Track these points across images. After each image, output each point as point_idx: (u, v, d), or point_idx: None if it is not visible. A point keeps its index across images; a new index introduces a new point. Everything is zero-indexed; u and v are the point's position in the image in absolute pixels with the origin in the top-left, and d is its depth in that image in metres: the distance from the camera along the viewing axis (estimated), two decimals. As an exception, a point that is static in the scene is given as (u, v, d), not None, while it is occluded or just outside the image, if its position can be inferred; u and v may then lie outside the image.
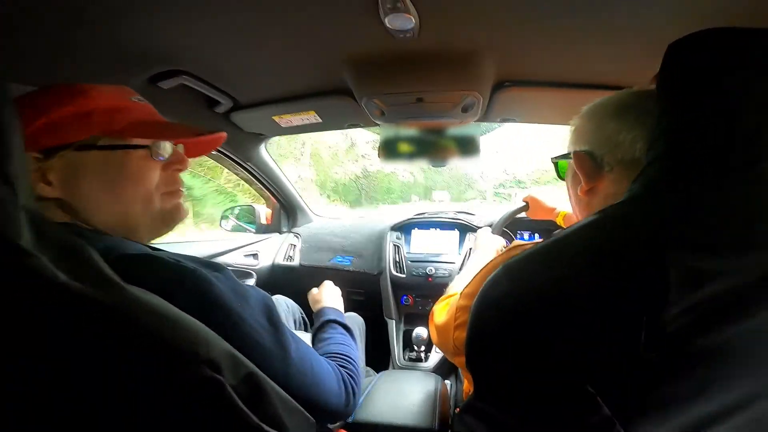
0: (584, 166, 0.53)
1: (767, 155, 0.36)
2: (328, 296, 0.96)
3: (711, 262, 0.35)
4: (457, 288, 0.68)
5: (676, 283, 0.35)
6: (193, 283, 0.46)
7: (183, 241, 1.70)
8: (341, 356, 0.72)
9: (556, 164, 0.67)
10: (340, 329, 0.80)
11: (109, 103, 0.53)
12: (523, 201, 1.17)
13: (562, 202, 1.08)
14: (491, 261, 0.60)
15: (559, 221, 1.07)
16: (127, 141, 0.53)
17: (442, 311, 0.70)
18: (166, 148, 0.56)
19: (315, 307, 0.93)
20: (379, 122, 1.19)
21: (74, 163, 0.50)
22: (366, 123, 1.28)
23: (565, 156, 0.61)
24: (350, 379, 0.67)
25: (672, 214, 0.37)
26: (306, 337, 0.95)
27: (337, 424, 0.71)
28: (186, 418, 0.39)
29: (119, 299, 0.39)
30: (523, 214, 1.17)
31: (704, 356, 0.36)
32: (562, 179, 0.66)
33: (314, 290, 1.01)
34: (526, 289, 0.43)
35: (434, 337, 0.74)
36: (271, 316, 0.53)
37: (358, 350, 0.96)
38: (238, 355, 0.45)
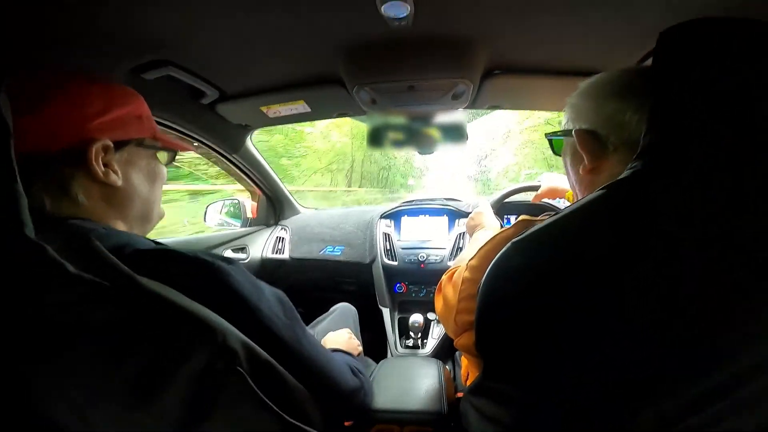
0: (588, 145, 0.54)
1: (757, 146, 0.37)
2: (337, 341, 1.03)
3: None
4: (463, 260, 0.69)
5: (687, 256, 0.36)
6: (212, 275, 0.46)
7: (169, 238, 1.66)
8: (341, 351, 0.80)
9: (551, 141, 0.67)
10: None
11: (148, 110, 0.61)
12: (538, 181, 1.20)
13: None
14: (496, 235, 0.60)
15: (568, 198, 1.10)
16: (161, 144, 0.61)
17: (448, 284, 0.71)
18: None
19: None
20: (370, 110, 1.18)
21: (131, 157, 0.56)
22: (356, 112, 1.27)
23: (562, 133, 0.61)
24: (356, 367, 0.72)
25: (667, 195, 0.38)
26: None
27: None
28: (206, 407, 0.40)
29: (131, 290, 0.39)
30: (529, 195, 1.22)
31: (711, 329, 0.38)
32: (558, 155, 0.67)
33: (331, 334, 1.10)
34: (539, 262, 0.45)
35: (439, 311, 0.74)
36: (286, 308, 0.54)
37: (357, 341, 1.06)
38: (254, 346, 0.45)
